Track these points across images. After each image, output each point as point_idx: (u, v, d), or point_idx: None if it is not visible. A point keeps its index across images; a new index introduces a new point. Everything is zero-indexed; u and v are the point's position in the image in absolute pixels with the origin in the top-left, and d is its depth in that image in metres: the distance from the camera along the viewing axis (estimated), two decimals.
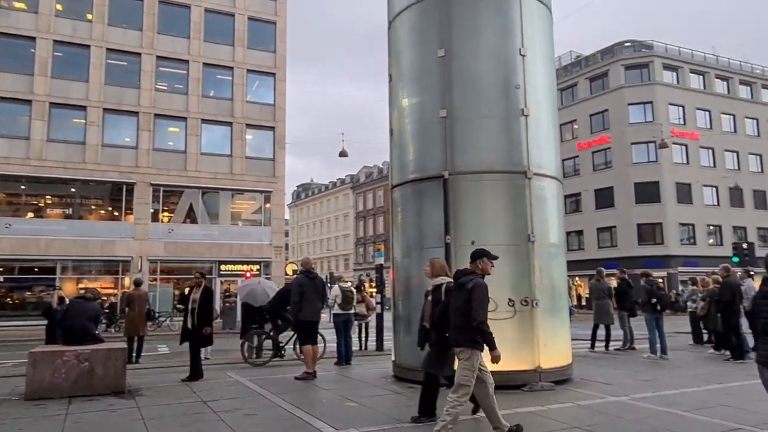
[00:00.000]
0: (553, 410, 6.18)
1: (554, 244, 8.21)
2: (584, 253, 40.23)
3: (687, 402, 6.48)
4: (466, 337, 4.91)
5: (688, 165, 39.93)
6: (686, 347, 12.67)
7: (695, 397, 6.76)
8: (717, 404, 6.27)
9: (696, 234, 39.47)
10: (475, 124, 7.98)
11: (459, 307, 4.97)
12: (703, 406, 6.24)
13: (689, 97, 41.12)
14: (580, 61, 46.72)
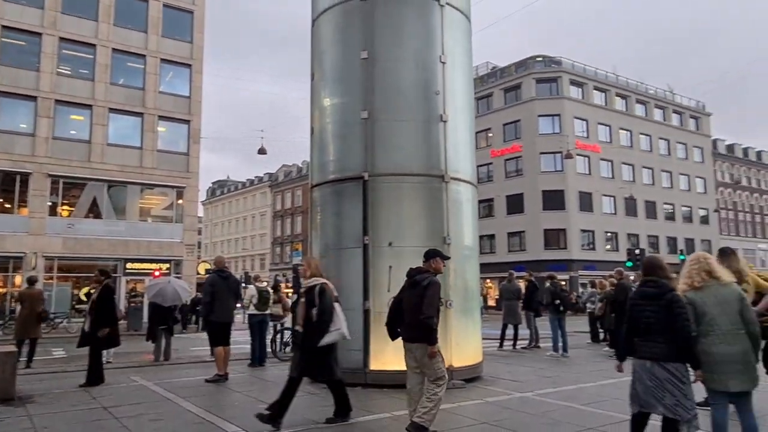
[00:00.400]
0: (463, 407, 6.40)
1: (468, 246, 8.51)
2: (495, 256, 41.96)
3: (584, 396, 6.95)
4: (422, 333, 5.05)
5: (590, 175, 42.78)
6: (585, 345, 13.56)
7: (591, 392, 7.26)
8: (610, 398, 6.76)
9: (595, 240, 42.35)
10: (395, 127, 8.10)
11: (415, 304, 5.09)
12: (598, 399, 6.71)
13: (592, 112, 44.10)
14: (495, 72, 48.76)
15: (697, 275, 4.26)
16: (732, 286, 4.26)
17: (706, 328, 4.13)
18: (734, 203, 55.89)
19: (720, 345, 4.08)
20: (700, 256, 4.41)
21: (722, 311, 4.12)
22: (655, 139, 48.21)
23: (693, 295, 4.20)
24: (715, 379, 4.09)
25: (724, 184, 54.85)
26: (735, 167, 57.20)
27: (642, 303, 4.24)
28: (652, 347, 4.11)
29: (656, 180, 47.53)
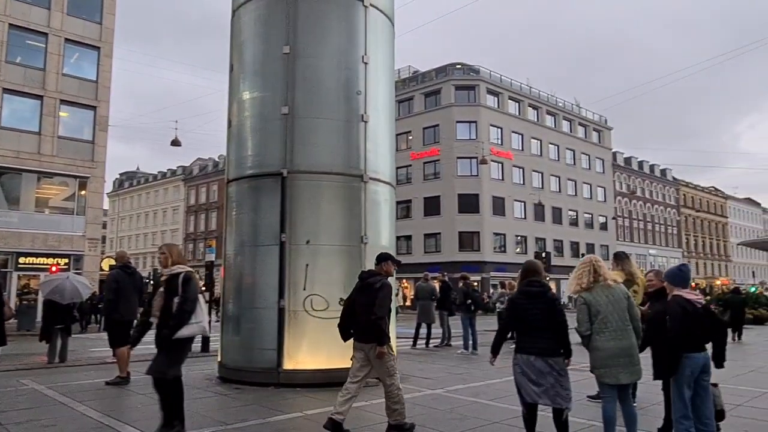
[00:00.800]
0: (375, 405, 6.45)
1: (385, 246, 8.58)
2: (412, 257, 42.74)
3: (491, 392, 7.25)
4: (374, 333, 5.16)
5: (503, 181, 44.70)
6: None
7: (498, 388, 7.58)
8: (514, 393, 7.05)
9: (506, 243, 44.31)
10: (316, 124, 8.05)
11: (368, 306, 5.17)
12: (504, 395, 7.00)
13: (507, 121, 46.13)
14: (417, 77, 49.74)
15: (588, 276, 4.57)
16: (619, 286, 4.62)
17: (600, 325, 4.43)
18: (630, 212, 60.54)
19: (612, 341, 4.39)
20: (592, 259, 4.71)
21: (613, 309, 4.46)
22: (562, 149, 51.21)
23: (587, 296, 4.51)
24: (609, 374, 4.39)
25: (621, 194, 59.27)
26: (631, 178, 61.99)
27: (526, 302, 4.59)
28: (536, 343, 4.46)
29: (562, 188, 50.50)
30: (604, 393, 4.52)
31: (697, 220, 72.67)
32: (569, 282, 4.84)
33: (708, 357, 4.45)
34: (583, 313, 4.49)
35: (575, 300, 4.76)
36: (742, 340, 15.75)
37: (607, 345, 4.39)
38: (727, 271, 75.63)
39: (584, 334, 4.49)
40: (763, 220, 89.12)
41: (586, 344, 4.54)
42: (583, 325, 4.48)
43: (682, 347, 4.30)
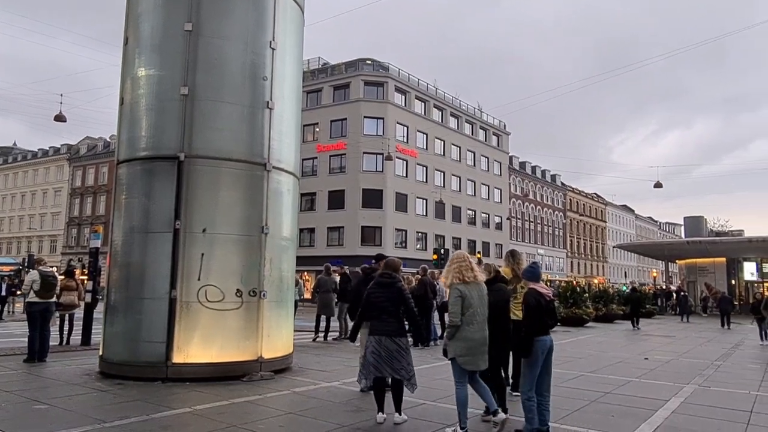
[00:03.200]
0: (269, 398, 6.34)
1: (286, 237, 8.46)
2: (315, 250, 42.46)
3: None
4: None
5: (406, 178, 45.61)
6: None
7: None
8: None
9: (407, 239, 45.30)
10: (218, 108, 7.72)
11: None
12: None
13: (412, 120, 47.09)
14: (326, 69, 49.33)
15: (467, 272, 5.01)
16: (483, 283, 5.18)
17: (470, 318, 4.89)
18: (522, 213, 64.29)
19: (478, 332, 4.94)
20: (465, 256, 5.19)
21: (480, 303, 5.01)
22: (464, 150, 53.21)
23: (463, 288, 4.94)
24: (472, 361, 4.90)
25: (516, 196, 62.77)
26: (525, 182, 65.82)
27: (378, 291, 5.40)
28: (385, 326, 5.26)
29: (462, 187, 52.51)
30: (460, 378, 4.93)
31: (581, 223, 78.73)
32: (443, 274, 5.25)
33: (552, 340, 5.02)
34: (458, 305, 4.88)
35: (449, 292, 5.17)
36: (639, 328, 19.42)
37: (475, 336, 4.90)
38: (604, 271, 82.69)
39: (456, 324, 4.88)
40: (636, 225, 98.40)
41: (452, 334, 4.93)
42: (456, 315, 4.88)
43: (534, 332, 4.83)
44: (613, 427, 5.43)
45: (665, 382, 8.22)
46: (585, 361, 10.43)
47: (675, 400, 6.86)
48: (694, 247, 37.62)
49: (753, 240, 34.89)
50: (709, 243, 37.94)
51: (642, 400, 6.77)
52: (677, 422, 5.73)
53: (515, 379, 6.92)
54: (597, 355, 11.55)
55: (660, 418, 5.85)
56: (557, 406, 6.26)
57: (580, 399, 6.71)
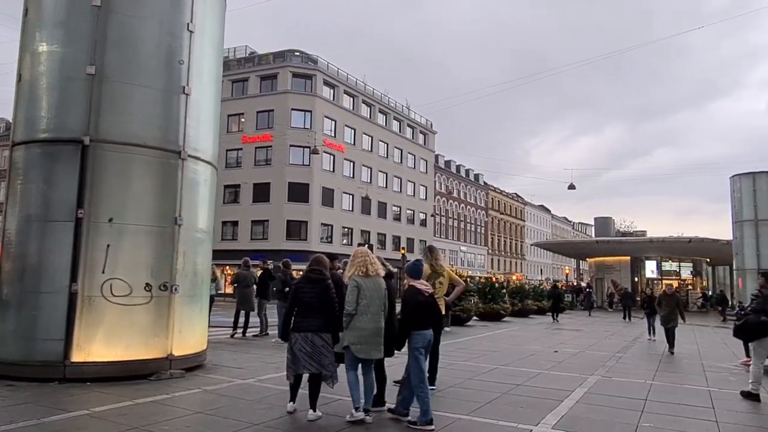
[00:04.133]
0: (178, 398, 6.05)
1: (202, 230, 8.12)
2: (237, 244, 41.35)
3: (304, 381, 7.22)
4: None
5: (333, 173, 45.38)
6: None
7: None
8: None
9: (333, 234, 45.13)
10: (129, 91, 7.25)
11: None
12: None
13: (341, 114, 46.90)
14: (253, 58, 48.09)
15: (370, 266, 5.34)
16: (381, 277, 5.43)
17: (364, 308, 5.19)
18: (446, 210, 65.80)
19: (371, 323, 5.21)
20: (366, 251, 5.54)
21: (376, 296, 5.28)
22: (391, 147, 53.66)
23: (360, 280, 5.26)
24: (364, 350, 5.19)
25: (440, 194, 64.12)
26: (449, 180, 67.38)
27: (307, 287, 5.43)
28: (312, 321, 5.30)
29: (389, 184, 52.96)
30: (350, 365, 5.26)
31: (501, 221, 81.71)
32: (347, 268, 5.49)
33: (431, 334, 5.39)
34: (353, 294, 5.20)
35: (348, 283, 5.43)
36: (558, 321, 21.46)
37: (368, 325, 5.19)
38: (522, 268, 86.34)
39: (351, 312, 5.18)
40: (552, 224, 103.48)
41: (347, 323, 5.20)
42: (351, 304, 5.18)
43: (413, 326, 5.22)
44: (521, 417, 5.62)
45: (572, 373, 8.65)
46: (500, 354, 10.79)
47: (579, 390, 7.22)
48: (603, 246, 40.06)
49: (654, 240, 37.66)
50: (616, 242, 40.55)
51: (550, 391, 7.07)
52: (579, 411, 6.02)
53: (431, 374, 7.03)
54: (511, 348, 11.99)
55: (565, 408, 6.12)
56: (471, 399, 6.43)
57: (493, 391, 6.91)
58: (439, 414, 5.68)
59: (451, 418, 5.51)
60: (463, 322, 17.45)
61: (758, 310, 7.27)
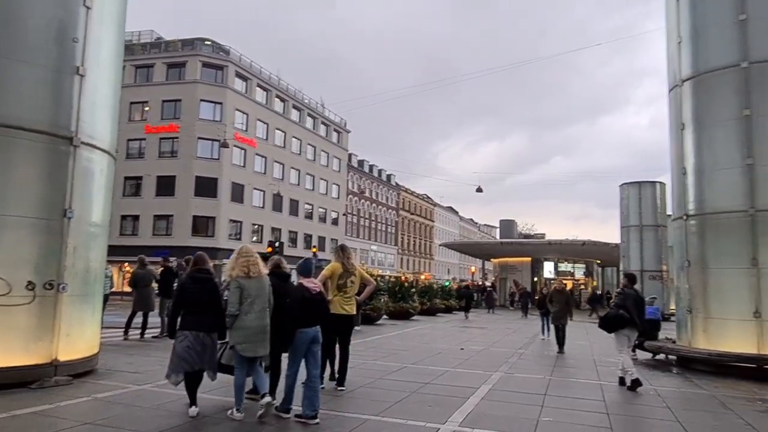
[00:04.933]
0: (63, 408, 5.52)
1: (97, 223, 7.50)
2: (138, 239, 39.04)
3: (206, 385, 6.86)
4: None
5: (244, 168, 44.05)
6: None
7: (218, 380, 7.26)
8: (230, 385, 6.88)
9: (242, 230, 43.80)
10: (12, 67, 6.52)
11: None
12: (220, 386, 6.71)
13: (253, 108, 45.62)
14: (159, 44, 45.60)
15: (253, 266, 5.39)
16: (265, 277, 5.52)
17: (248, 307, 5.26)
18: (358, 210, 66.08)
19: (256, 320, 5.28)
20: (249, 251, 5.56)
21: (259, 294, 5.36)
22: (304, 144, 53.02)
23: (242, 281, 5.31)
24: (250, 348, 5.26)
25: (353, 193, 64.27)
26: (362, 180, 67.73)
27: (194, 286, 5.44)
28: (202, 320, 5.33)
29: (301, 181, 52.29)
30: (239, 365, 5.31)
31: (412, 222, 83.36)
32: (228, 266, 5.49)
33: (317, 331, 5.43)
34: (235, 295, 5.25)
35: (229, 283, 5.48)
36: (469, 319, 22.75)
37: (253, 324, 5.27)
38: (430, 268, 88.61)
39: (233, 314, 5.23)
40: (460, 226, 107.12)
41: (231, 324, 5.27)
42: (234, 305, 5.23)
43: (297, 323, 5.31)
44: (430, 416, 5.67)
45: (477, 370, 8.91)
46: (409, 353, 10.91)
47: (484, 387, 7.44)
48: (507, 247, 42.02)
49: (552, 243, 40.08)
50: (519, 244, 42.70)
51: (457, 389, 7.22)
52: (485, 408, 6.19)
53: (341, 374, 6.95)
54: (420, 346, 12.18)
55: (471, 405, 6.27)
56: (381, 398, 6.41)
57: (402, 390, 6.94)
58: (349, 415, 5.62)
59: (361, 419, 5.46)
60: (373, 321, 17.54)
61: (618, 305, 8.20)
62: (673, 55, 11.30)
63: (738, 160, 9.88)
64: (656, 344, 11.11)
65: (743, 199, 9.74)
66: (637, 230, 29.43)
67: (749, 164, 9.73)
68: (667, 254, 27.86)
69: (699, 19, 10.79)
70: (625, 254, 29.89)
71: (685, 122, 10.85)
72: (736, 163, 9.90)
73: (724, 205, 10.04)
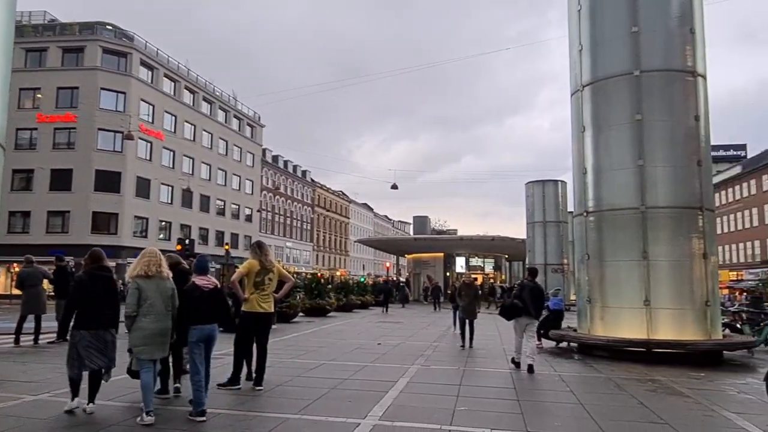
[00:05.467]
0: None
1: None
2: (30, 237, 35.98)
3: (110, 392, 6.47)
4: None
5: (150, 162, 41.80)
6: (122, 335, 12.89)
7: (118, 386, 6.85)
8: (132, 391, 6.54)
9: (149, 228, 41.57)
10: None
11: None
12: (122, 393, 6.37)
13: (160, 99, 43.36)
14: (54, 26, 42.14)
15: (154, 267, 5.42)
16: (169, 279, 5.56)
17: (147, 309, 5.29)
18: (273, 206, 64.84)
19: (154, 323, 5.31)
20: (156, 252, 5.59)
21: (160, 297, 5.38)
22: (216, 138, 51.17)
23: (141, 282, 5.34)
24: (147, 351, 5.29)
25: (267, 189, 62.96)
26: (277, 175, 66.50)
27: (91, 283, 5.46)
28: (101, 318, 5.40)
29: (213, 176, 50.45)
30: (142, 367, 5.31)
31: (327, 218, 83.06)
32: (132, 267, 5.48)
33: (212, 328, 5.56)
34: (134, 297, 5.27)
35: (129, 284, 5.57)
36: (388, 312, 24.30)
37: (151, 326, 5.29)
38: (346, 264, 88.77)
39: (131, 315, 5.27)
40: (374, 222, 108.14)
41: (129, 325, 5.31)
42: (131, 306, 5.26)
43: (189, 320, 5.45)
44: (350, 411, 5.70)
45: (394, 364, 9.06)
46: (326, 349, 10.88)
47: (402, 380, 7.58)
48: (420, 243, 42.99)
49: (464, 238, 41.51)
50: (432, 240, 43.82)
51: (375, 383, 7.31)
52: (403, 401, 6.31)
53: (258, 374, 6.81)
54: (337, 343, 12.18)
55: (390, 399, 6.37)
56: (300, 396, 6.36)
57: (321, 387, 6.91)
58: (268, 415, 5.53)
59: (281, 418, 5.38)
60: (290, 319, 17.31)
61: (516, 296, 9.15)
62: (575, 61, 12.08)
63: (630, 161, 10.76)
64: (560, 333, 11.85)
65: (635, 197, 10.62)
66: (542, 226, 31.23)
67: (640, 165, 10.63)
68: (568, 248, 29.81)
69: (598, 29, 11.62)
70: (531, 249, 31.61)
71: (585, 125, 11.64)
72: (629, 164, 10.77)
73: (619, 202, 10.89)
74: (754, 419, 5.80)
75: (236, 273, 6.89)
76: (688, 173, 10.62)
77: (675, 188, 10.59)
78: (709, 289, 10.35)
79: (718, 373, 8.96)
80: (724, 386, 7.77)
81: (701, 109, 10.87)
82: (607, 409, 6.22)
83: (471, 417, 5.65)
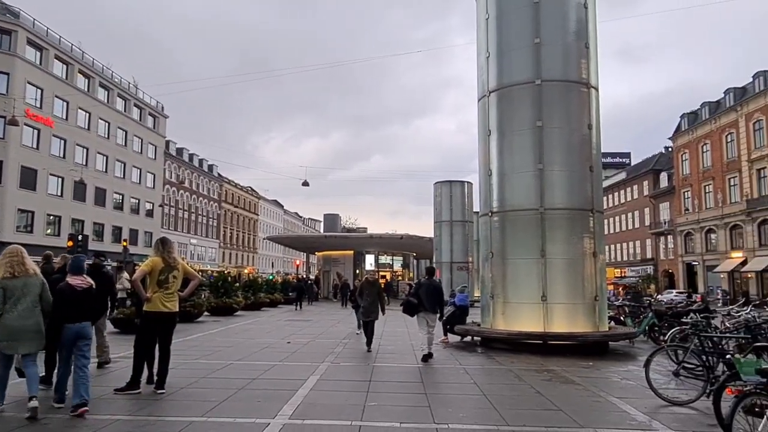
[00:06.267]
0: None
1: None
2: None
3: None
4: None
5: (37, 150, 38.41)
6: None
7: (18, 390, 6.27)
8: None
9: (35, 222, 38.19)
10: None
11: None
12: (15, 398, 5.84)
13: (50, 83, 39.94)
14: None
15: (18, 266, 5.45)
16: (37, 276, 5.62)
17: (11, 306, 5.34)
18: (176, 201, 61.88)
19: (18, 320, 5.34)
20: (18, 251, 5.60)
21: (26, 294, 5.42)
22: (114, 127, 47.93)
23: (6, 282, 5.36)
24: (11, 346, 5.34)
25: (170, 183, 59.96)
26: (181, 169, 63.52)
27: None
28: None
29: (110, 168, 47.27)
30: (2, 362, 5.43)
31: (235, 214, 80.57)
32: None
33: (82, 326, 5.68)
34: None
35: None
36: (301, 309, 24.68)
37: (14, 323, 5.31)
38: (254, 261, 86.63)
39: None
40: (284, 219, 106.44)
41: None
42: None
43: (61, 320, 5.57)
44: (259, 412, 5.60)
45: (304, 362, 9.00)
46: (233, 349, 10.59)
47: (312, 378, 7.55)
48: (331, 240, 42.91)
49: (374, 236, 42.01)
50: (342, 238, 43.88)
51: (285, 382, 7.23)
52: (314, 398, 6.30)
53: (160, 376, 6.51)
54: (245, 342, 11.89)
55: (300, 397, 6.32)
56: (206, 398, 6.15)
57: (228, 388, 6.73)
58: (172, 419, 5.33)
59: (185, 422, 5.18)
60: (194, 318, 16.64)
61: (413, 294, 10.02)
62: (482, 67, 12.63)
63: (531, 164, 11.43)
64: (464, 327, 12.34)
65: (535, 199, 11.30)
66: (448, 225, 32.29)
67: (540, 169, 11.32)
68: (473, 247, 31.06)
69: (504, 37, 12.22)
70: (438, 247, 32.59)
71: (491, 129, 12.20)
72: (530, 168, 11.44)
73: (521, 203, 11.53)
74: (635, 402, 6.39)
75: (138, 271, 6.53)
76: (582, 177, 11.46)
77: (570, 191, 11.40)
78: (598, 285, 11.24)
79: (604, 361, 9.76)
80: (609, 374, 8.49)
81: (594, 118, 11.77)
82: (507, 399, 6.58)
83: (381, 412, 5.76)
